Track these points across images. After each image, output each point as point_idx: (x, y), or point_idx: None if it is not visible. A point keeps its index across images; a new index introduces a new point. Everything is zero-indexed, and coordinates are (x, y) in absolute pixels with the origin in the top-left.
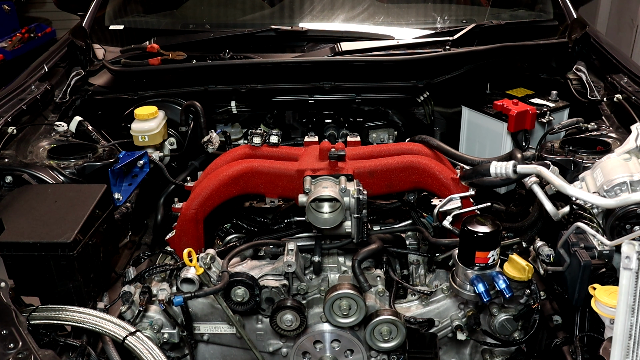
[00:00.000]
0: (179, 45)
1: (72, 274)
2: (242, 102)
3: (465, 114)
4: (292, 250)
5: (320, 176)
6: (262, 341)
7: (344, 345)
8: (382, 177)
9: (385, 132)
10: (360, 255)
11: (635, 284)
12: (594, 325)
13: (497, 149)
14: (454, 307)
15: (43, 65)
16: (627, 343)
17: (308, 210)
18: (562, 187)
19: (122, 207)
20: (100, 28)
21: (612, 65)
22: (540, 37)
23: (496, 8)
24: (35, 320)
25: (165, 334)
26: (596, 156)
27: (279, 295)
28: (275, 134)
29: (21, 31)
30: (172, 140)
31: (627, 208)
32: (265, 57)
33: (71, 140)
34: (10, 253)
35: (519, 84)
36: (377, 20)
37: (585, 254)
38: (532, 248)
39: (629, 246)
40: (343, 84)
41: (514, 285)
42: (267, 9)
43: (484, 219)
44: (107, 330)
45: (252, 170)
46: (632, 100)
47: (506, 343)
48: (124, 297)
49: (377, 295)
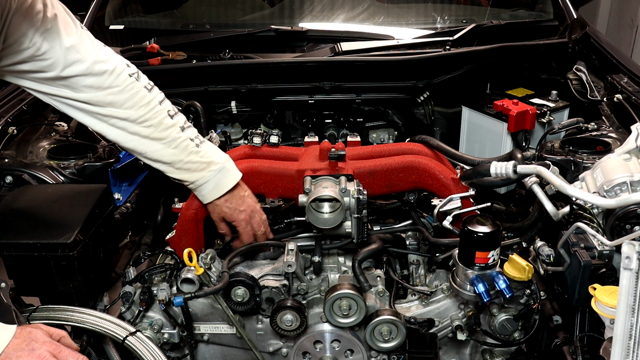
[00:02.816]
0: (179, 45)
1: (72, 274)
2: (242, 102)
3: (465, 114)
4: (292, 250)
5: (321, 176)
6: (262, 341)
7: (344, 345)
8: (382, 177)
9: (385, 132)
10: (361, 255)
11: (635, 284)
12: (594, 325)
13: (497, 149)
14: (454, 307)
15: None
16: (627, 343)
17: (308, 210)
18: (562, 187)
19: (122, 207)
20: (100, 28)
21: (612, 65)
22: (540, 37)
23: (496, 8)
24: (35, 320)
25: (165, 334)
26: (596, 156)
27: (279, 295)
28: (275, 134)
29: None
30: None
31: (627, 208)
32: (265, 57)
33: (71, 140)
34: (10, 253)
35: (519, 84)
36: (377, 20)
37: (586, 254)
38: (532, 248)
39: (629, 246)
40: (343, 84)
41: (514, 285)
42: (267, 9)
43: (484, 219)
44: (107, 330)
45: (252, 171)
46: (632, 100)
47: (506, 343)
48: (124, 297)
49: (377, 295)
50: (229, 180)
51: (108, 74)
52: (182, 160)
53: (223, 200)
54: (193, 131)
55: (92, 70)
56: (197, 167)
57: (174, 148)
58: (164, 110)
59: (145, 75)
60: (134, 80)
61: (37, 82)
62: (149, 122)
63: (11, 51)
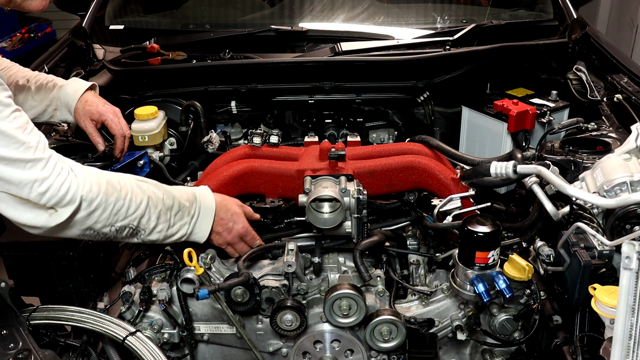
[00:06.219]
0: (179, 45)
1: (72, 274)
2: (242, 102)
3: (465, 114)
4: (292, 250)
5: (321, 176)
6: (262, 341)
7: (344, 345)
8: (382, 177)
9: (385, 132)
10: (362, 246)
11: (635, 284)
12: (594, 325)
13: (497, 149)
14: (454, 307)
15: (43, 65)
16: (627, 343)
17: (308, 210)
18: (562, 187)
19: None
20: (100, 28)
21: (612, 65)
22: (540, 37)
23: (496, 8)
24: (35, 320)
25: (165, 334)
26: (596, 156)
27: (279, 295)
28: (275, 134)
29: (21, 31)
30: (172, 140)
31: (627, 208)
32: (265, 57)
33: (71, 140)
34: (10, 253)
35: (519, 84)
36: (377, 20)
37: (586, 254)
38: (532, 248)
39: (629, 246)
40: (343, 84)
41: (514, 285)
42: (267, 9)
43: (484, 219)
44: (107, 330)
45: (252, 171)
46: (632, 100)
47: (506, 343)
48: (124, 297)
49: (377, 295)
50: (209, 216)
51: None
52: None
53: (215, 234)
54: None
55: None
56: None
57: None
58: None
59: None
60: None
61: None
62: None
63: None
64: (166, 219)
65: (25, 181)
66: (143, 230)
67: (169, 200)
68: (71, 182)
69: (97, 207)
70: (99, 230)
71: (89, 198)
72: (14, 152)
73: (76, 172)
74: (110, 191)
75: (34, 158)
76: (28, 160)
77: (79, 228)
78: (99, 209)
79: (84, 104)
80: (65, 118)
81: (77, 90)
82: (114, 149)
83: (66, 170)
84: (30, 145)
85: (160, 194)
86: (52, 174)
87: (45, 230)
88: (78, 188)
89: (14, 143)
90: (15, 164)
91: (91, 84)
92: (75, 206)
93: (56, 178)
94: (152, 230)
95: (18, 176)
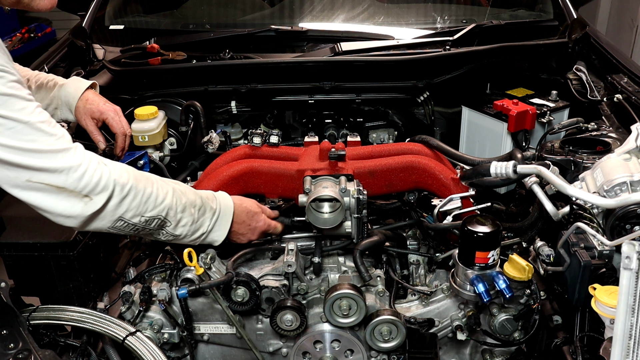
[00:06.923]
0: (179, 45)
1: (72, 274)
2: (242, 102)
3: (465, 114)
4: (292, 250)
5: (321, 176)
6: (262, 341)
7: (344, 345)
8: (382, 177)
9: (385, 132)
10: (362, 246)
11: (635, 284)
12: (594, 325)
13: (497, 149)
14: (454, 307)
15: (43, 65)
16: (627, 343)
17: (308, 210)
18: (562, 187)
19: None
20: (100, 28)
21: (612, 65)
22: (540, 37)
23: (496, 8)
24: (35, 320)
25: (165, 334)
26: (596, 156)
27: (279, 295)
28: (275, 134)
29: (21, 31)
30: (172, 140)
31: (627, 208)
32: (265, 57)
33: None
34: (10, 253)
35: (519, 84)
36: (377, 20)
37: (585, 254)
38: (532, 248)
39: (629, 246)
40: (343, 84)
41: (514, 285)
42: (267, 9)
43: (484, 219)
44: (107, 330)
45: (252, 171)
46: (632, 100)
47: (506, 343)
48: (124, 297)
49: (377, 295)
50: (227, 216)
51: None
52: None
53: (240, 236)
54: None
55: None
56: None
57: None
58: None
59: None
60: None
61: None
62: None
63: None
64: (190, 212)
65: (60, 168)
66: (170, 222)
67: (191, 194)
68: (103, 169)
69: (129, 192)
70: (129, 220)
71: (121, 183)
72: (45, 144)
73: (104, 160)
74: (139, 178)
75: (65, 147)
76: (60, 150)
77: (110, 219)
78: (130, 195)
79: (84, 103)
80: (65, 117)
81: (77, 89)
82: (115, 147)
83: (95, 159)
84: (59, 136)
85: (183, 188)
86: (84, 160)
87: (80, 221)
88: (110, 173)
89: (44, 135)
90: (49, 155)
91: (92, 83)
92: (109, 192)
93: (89, 164)
94: (177, 223)
95: (53, 164)
